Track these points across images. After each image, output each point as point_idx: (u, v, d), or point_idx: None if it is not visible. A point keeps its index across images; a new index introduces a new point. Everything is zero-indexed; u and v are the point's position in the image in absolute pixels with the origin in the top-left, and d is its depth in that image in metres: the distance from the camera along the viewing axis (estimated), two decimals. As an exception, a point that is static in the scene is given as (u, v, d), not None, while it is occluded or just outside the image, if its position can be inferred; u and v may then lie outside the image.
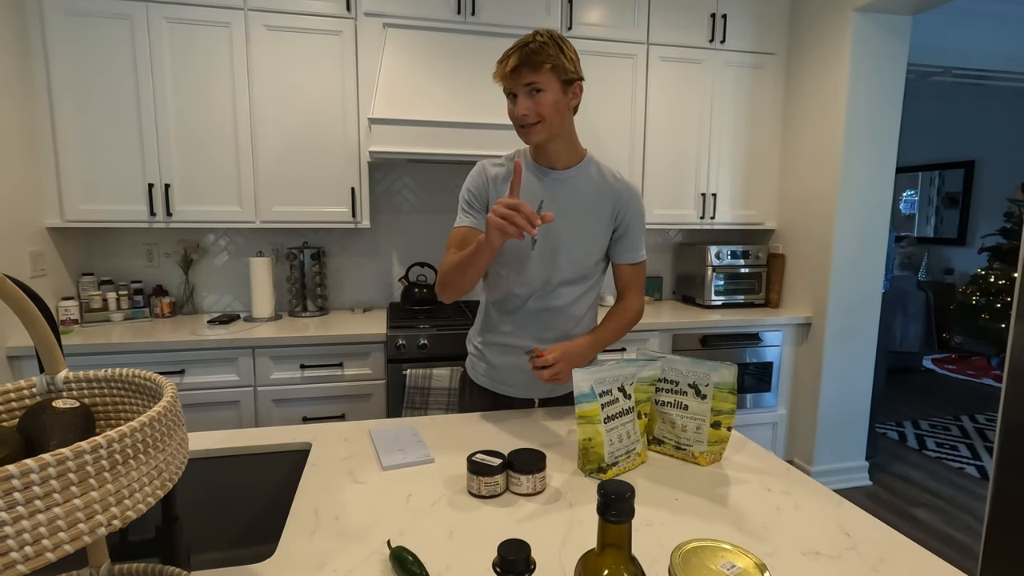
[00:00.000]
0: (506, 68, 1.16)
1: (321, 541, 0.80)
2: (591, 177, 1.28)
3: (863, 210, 2.59)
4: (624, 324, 1.34)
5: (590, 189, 1.27)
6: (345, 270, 2.73)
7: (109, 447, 0.43)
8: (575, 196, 1.26)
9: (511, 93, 1.19)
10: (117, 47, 2.13)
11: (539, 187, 1.26)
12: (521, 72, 1.15)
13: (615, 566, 0.50)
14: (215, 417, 2.11)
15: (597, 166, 1.31)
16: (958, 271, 5.43)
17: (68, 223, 2.17)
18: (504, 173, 1.29)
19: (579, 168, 1.28)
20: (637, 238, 1.32)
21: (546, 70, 1.15)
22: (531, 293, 1.31)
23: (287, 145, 2.31)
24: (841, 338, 2.65)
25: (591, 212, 1.27)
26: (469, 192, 1.30)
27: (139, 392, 0.61)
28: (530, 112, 1.17)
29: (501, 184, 1.28)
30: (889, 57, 2.52)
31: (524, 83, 1.16)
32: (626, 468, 1.03)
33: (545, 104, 1.17)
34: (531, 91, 1.16)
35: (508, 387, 1.38)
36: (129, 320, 2.38)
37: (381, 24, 2.31)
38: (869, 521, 0.87)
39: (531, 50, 1.15)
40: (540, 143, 1.23)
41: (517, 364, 1.34)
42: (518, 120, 1.19)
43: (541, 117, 1.17)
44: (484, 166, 1.31)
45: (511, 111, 1.21)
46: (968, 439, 3.38)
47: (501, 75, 1.18)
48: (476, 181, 1.30)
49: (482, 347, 1.40)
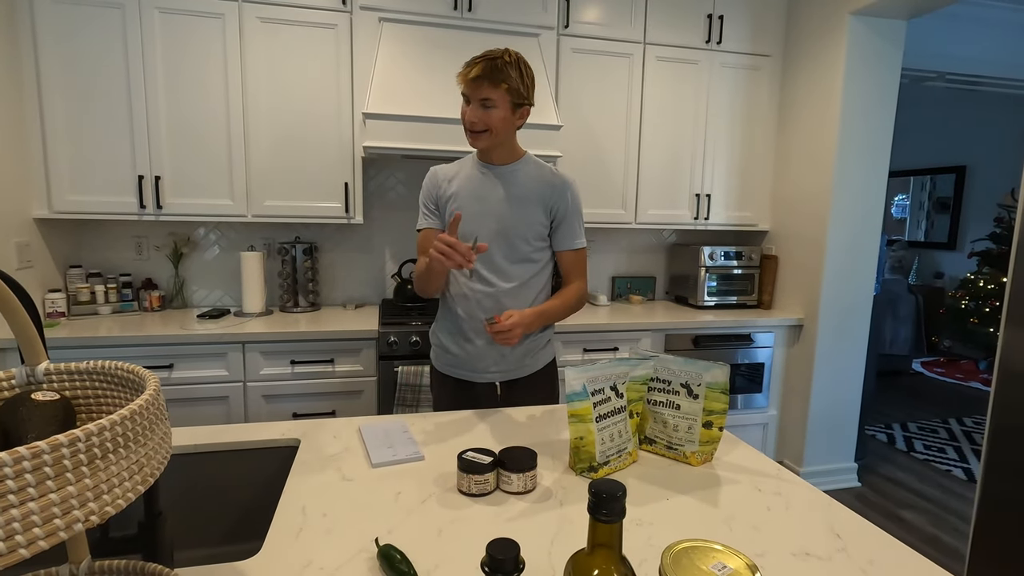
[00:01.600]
0: (468, 75, 1.28)
1: (308, 538, 0.79)
2: (528, 172, 1.42)
3: (856, 213, 2.61)
4: (566, 302, 1.44)
5: (526, 181, 1.41)
6: (337, 266, 2.71)
7: (87, 440, 0.41)
8: (513, 187, 1.40)
9: (464, 96, 1.32)
10: (108, 37, 2.10)
11: (481, 180, 1.41)
12: (481, 84, 1.27)
13: (605, 566, 0.49)
14: (204, 412, 2.08)
15: (535, 164, 1.44)
16: (948, 275, 5.47)
17: (56, 214, 2.14)
18: (452, 173, 1.44)
19: (517, 164, 1.42)
20: (574, 226, 1.44)
21: (502, 89, 1.28)
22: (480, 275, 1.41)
23: (280, 139, 2.29)
24: (832, 340, 2.66)
25: (527, 201, 1.40)
26: (424, 197, 1.46)
27: (122, 385, 0.60)
28: (478, 121, 1.30)
29: (449, 182, 1.43)
30: (884, 61, 2.53)
31: (480, 96, 1.28)
32: (617, 467, 1.02)
33: (494, 119, 1.31)
34: (484, 104, 1.29)
35: (468, 372, 1.46)
36: (117, 313, 2.35)
37: (377, 18, 2.29)
38: (859, 522, 0.87)
39: (495, 66, 1.26)
40: (482, 149, 1.38)
41: (474, 349, 1.43)
42: (467, 125, 1.33)
43: (488, 128, 1.31)
44: (434, 171, 1.47)
45: (463, 112, 1.33)
46: (956, 442, 3.41)
47: (463, 79, 1.29)
48: (428, 185, 1.45)
49: (441, 336, 1.50)
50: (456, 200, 1.40)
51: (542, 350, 1.50)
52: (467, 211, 1.37)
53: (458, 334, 1.45)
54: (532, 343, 1.47)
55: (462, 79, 1.29)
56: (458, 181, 1.42)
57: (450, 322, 1.47)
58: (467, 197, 1.40)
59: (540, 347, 1.49)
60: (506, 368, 1.45)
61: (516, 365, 1.46)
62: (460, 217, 1.21)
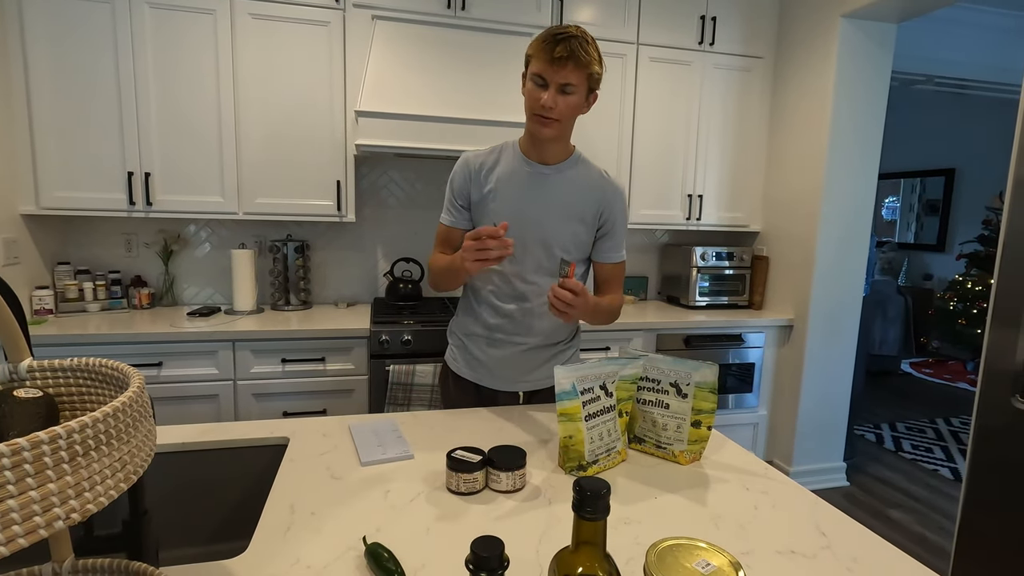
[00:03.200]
0: (553, 55, 1.10)
1: (295, 537, 0.78)
2: (577, 174, 1.29)
3: (846, 215, 2.63)
4: (612, 306, 1.31)
5: (576, 185, 1.27)
6: (329, 264, 2.70)
7: (69, 438, 0.41)
8: (560, 191, 1.26)
9: (540, 82, 1.14)
10: (98, 31, 2.08)
11: (527, 180, 1.26)
12: (565, 66, 1.10)
13: (589, 563, 0.49)
14: (193, 411, 2.07)
15: (585, 163, 1.31)
16: (937, 277, 5.53)
17: (44, 210, 2.12)
18: (491, 163, 1.28)
19: (566, 164, 1.28)
20: (620, 238, 1.33)
21: (584, 74, 1.13)
22: (514, 286, 1.30)
23: (272, 136, 2.28)
24: (822, 341, 2.68)
25: (576, 207, 1.27)
26: (451, 189, 1.30)
27: (106, 382, 0.59)
28: (557, 107, 1.14)
29: (486, 175, 1.27)
30: (874, 64, 2.55)
31: (562, 79, 1.12)
32: (606, 466, 1.03)
33: (570, 105, 1.15)
34: (563, 87, 1.13)
35: (493, 380, 1.37)
36: (106, 311, 2.33)
37: (370, 16, 2.28)
38: (844, 521, 0.87)
39: (581, 46, 1.10)
40: (548, 139, 1.21)
41: (502, 357, 1.34)
42: (541, 110, 1.15)
43: (561, 116, 1.16)
44: (467, 159, 1.29)
45: (534, 95, 1.15)
46: (943, 442, 3.44)
47: (546, 60, 1.11)
48: (460, 177, 1.29)
49: (465, 339, 1.39)
50: (496, 198, 1.25)
51: (569, 360, 1.41)
52: (507, 214, 1.22)
53: (485, 341, 1.35)
54: (562, 354, 1.39)
55: (542, 60, 1.11)
56: (498, 175, 1.26)
57: (480, 327, 1.35)
58: (508, 198, 1.25)
59: (568, 357, 1.41)
60: (533, 379, 1.36)
61: (544, 375, 1.36)
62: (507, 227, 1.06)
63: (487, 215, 1.26)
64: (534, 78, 1.15)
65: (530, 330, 1.32)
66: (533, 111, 1.16)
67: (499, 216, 1.23)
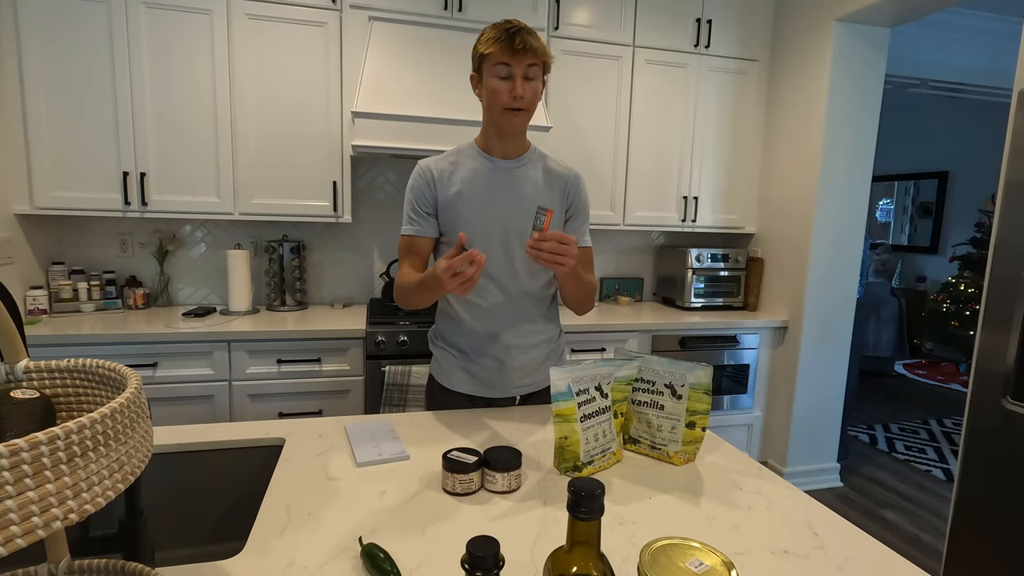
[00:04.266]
0: (515, 46, 1.12)
1: (291, 537, 0.79)
2: (537, 165, 1.31)
3: (840, 217, 2.64)
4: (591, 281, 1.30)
5: (538, 176, 1.30)
6: (325, 265, 2.70)
7: (67, 438, 0.41)
8: (525, 183, 1.28)
9: (505, 74, 1.15)
10: (93, 31, 2.07)
11: (491, 176, 1.27)
12: (527, 55, 1.13)
13: (584, 563, 0.50)
14: (188, 411, 2.07)
15: (542, 155, 1.33)
16: (930, 279, 5.57)
17: (38, 210, 2.11)
18: (450, 167, 1.28)
19: (527, 156, 1.30)
20: (584, 222, 1.35)
21: (541, 60, 1.16)
22: (495, 285, 1.29)
23: (268, 137, 2.28)
24: (816, 342, 2.69)
25: (542, 198, 1.28)
26: (413, 198, 1.28)
27: (103, 383, 0.60)
28: (528, 94, 1.16)
29: (448, 178, 1.26)
30: (868, 67, 2.57)
31: (528, 63, 1.14)
32: (601, 467, 1.03)
33: (535, 92, 1.18)
34: (528, 76, 1.16)
35: (488, 389, 1.35)
36: (101, 311, 2.32)
37: (367, 17, 2.28)
38: (837, 521, 0.88)
39: (531, 35, 1.14)
40: (519, 131, 1.23)
41: (497, 365, 1.34)
42: (511, 103, 1.16)
43: (529, 105, 1.18)
44: (426, 166, 1.28)
45: (500, 90, 1.16)
46: (936, 442, 3.47)
47: (509, 52, 1.13)
48: (419, 184, 1.28)
49: (452, 349, 1.36)
50: (462, 199, 1.24)
51: (559, 358, 1.43)
52: (476, 214, 1.24)
53: (477, 350, 1.32)
54: (553, 351, 1.39)
55: (504, 52, 1.13)
56: (461, 177, 1.26)
57: (466, 336, 1.32)
58: (476, 196, 1.24)
59: (559, 355, 1.42)
60: (531, 381, 1.36)
61: (542, 376, 1.35)
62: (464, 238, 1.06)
63: (457, 217, 1.25)
64: (497, 71, 1.16)
65: (515, 318, 1.31)
66: (502, 105, 1.17)
67: (470, 216, 1.24)
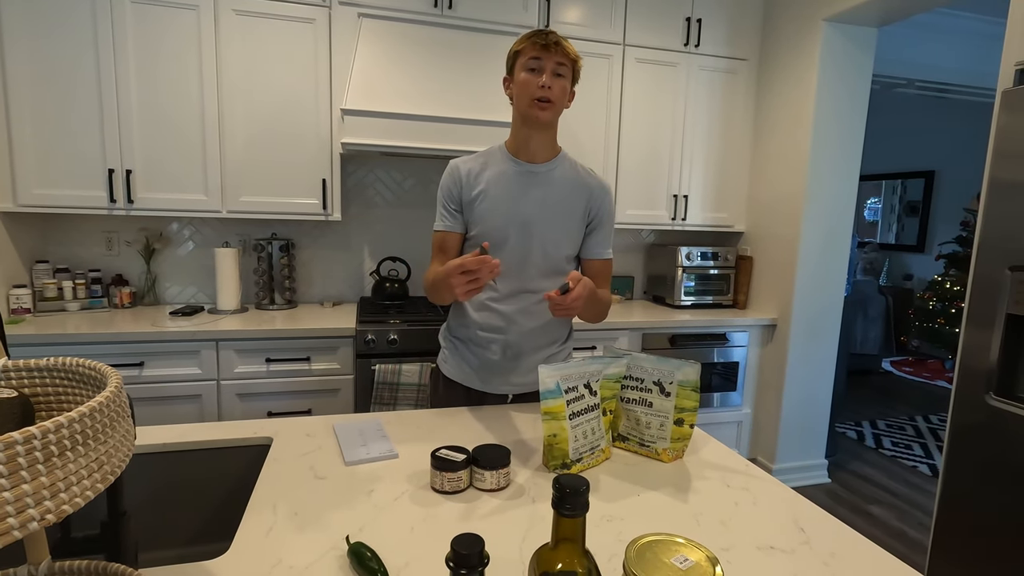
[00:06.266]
0: (547, 39, 1.19)
1: (278, 537, 0.78)
2: (565, 172, 1.31)
3: (828, 216, 2.67)
4: (604, 299, 1.32)
5: (564, 183, 1.30)
6: (315, 263, 2.68)
7: (44, 438, 0.41)
8: (550, 189, 1.29)
9: (535, 67, 1.21)
10: (77, 26, 2.04)
11: (516, 179, 1.28)
12: (558, 50, 1.20)
13: (568, 560, 0.50)
14: (176, 411, 2.05)
15: (571, 162, 1.34)
16: (917, 277, 5.63)
17: (21, 207, 2.08)
18: (479, 167, 1.30)
19: (554, 163, 1.31)
20: (607, 235, 1.35)
21: (571, 61, 1.23)
22: (507, 287, 1.30)
23: (256, 134, 2.26)
24: (804, 340, 2.72)
25: (565, 205, 1.29)
26: (443, 195, 1.32)
27: (84, 382, 0.59)
28: (556, 89, 1.21)
29: (475, 178, 1.29)
30: (855, 67, 2.59)
31: (557, 60, 1.20)
32: (590, 464, 1.04)
33: (563, 90, 1.23)
34: (557, 72, 1.21)
35: (482, 383, 1.37)
36: (86, 310, 2.29)
37: (356, 14, 2.27)
38: (823, 517, 0.89)
39: (562, 39, 1.22)
40: (545, 125, 1.25)
41: (494, 360, 1.34)
42: (539, 94, 1.20)
43: (556, 98, 1.22)
44: (455, 165, 1.32)
45: (530, 82, 1.21)
46: (922, 438, 3.51)
47: (540, 46, 1.19)
48: (448, 182, 1.31)
49: (455, 342, 1.40)
50: (486, 199, 1.27)
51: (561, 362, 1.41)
52: (499, 214, 1.26)
53: (477, 344, 1.35)
54: (557, 355, 1.39)
55: (536, 47, 1.20)
56: (487, 177, 1.28)
57: (469, 330, 1.35)
58: (499, 198, 1.27)
59: (563, 358, 1.40)
60: (522, 382, 1.36)
61: (534, 379, 1.32)
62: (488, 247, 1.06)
63: (479, 217, 1.28)
64: (528, 64, 1.21)
65: (523, 329, 1.32)
66: (531, 96, 1.21)
67: (491, 216, 1.27)
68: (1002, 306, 1.54)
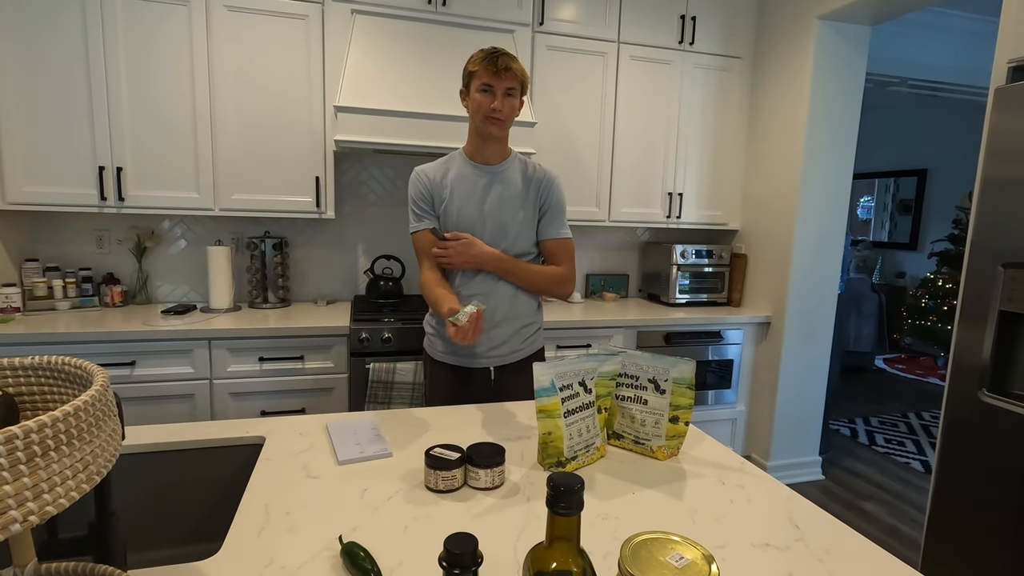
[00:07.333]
0: (498, 66, 1.34)
1: (270, 537, 0.77)
2: (516, 169, 1.50)
3: (822, 214, 2.67)
4: (539, 271, 1.50)
5: (517, 178, 1.49)
6: (308, 261, 2.66)
7: (26, 438, 0.40)
8: (507, 185, 1.48)
9: (488, 89, 1.36)
10: (66, 22, 2.02)
11: (476, 179, 1.47)
12: (509, 75, 1.36)
13: (563, 559, 0.49)
14: (168, 410, 2.03)
15: (521, 160, 1.52)
16: (909, 275, 5.66)
17: (10, 206, 2.05)
18: (442, 172, 1.48)
19: (506, 163, 1.50)
20: (558, 216, 1.51)
21: (519, 80, 1.39)
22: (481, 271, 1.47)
23: (249, 131, 2.24)
24: (798, 337, 2.72)
25: (520, 197, 1.48)
26: (415, 200, 1.49)
27: (70, 381, 0.58)
28: (505, 109, 1.38)
29: (440, 182, 1.47)
30: (849, 65, 2.60)
31: (507, 85, 1.36)
32: (585, 462, 1.03)
33: (515, 108, 1.41)
34: (508, 92, 1.37)
35: (462, 358, 1.52)
36: (76, 309, 2.27)
37: (349, 10, 2.25)
38: (818, 513, 0.89)
39: (512, 59, 1.37)
40: (497, 137, 1.43)
41: None
42: (492, 113, 1.37)
43: (507, 116, 1.40)
44: (422, 171, 1.49)
45: (483, 103, 1.38)
46: (915, 435, 3.53)
47: (492, 72, 1.35)
48: (417, 187, 1.48)
49: (436, 324, 1.56)
50: (454, 199, 1.45)
51: (532, 336, 1.56)
52: (464, 213, 1.45)
53: None
54: (524, 329, 1.54)
55: (487, 72, 1.35)
56: (452, 181, 1.46)
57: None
58: (463, 198, 1.45)
59: (531, 333, 1.56)
60: (500, 354, 1.51)
61: (510, 351, 1.52)
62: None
63: (449, 216, 1.47)
64: (481, 88, 1.37)
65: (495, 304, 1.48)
66: (485, 115, 1.39)
67: (460, 215, 1.46)
68: (995, 303, 1.55)
